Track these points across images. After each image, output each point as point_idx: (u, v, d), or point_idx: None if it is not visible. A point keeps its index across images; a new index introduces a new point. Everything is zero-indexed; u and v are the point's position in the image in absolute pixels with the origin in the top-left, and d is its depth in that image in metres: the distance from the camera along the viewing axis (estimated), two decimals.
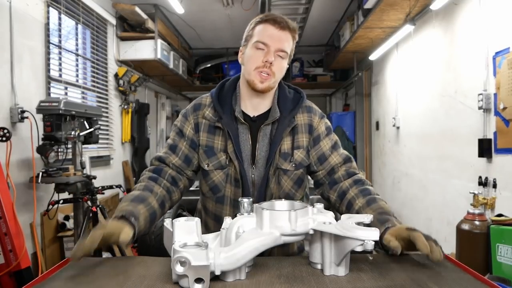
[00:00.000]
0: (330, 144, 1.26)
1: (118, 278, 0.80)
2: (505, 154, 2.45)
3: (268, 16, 1.18)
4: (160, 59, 4.51)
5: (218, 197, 1.25)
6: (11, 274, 2.13)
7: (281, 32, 1.16)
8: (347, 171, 1.22)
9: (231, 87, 1.28)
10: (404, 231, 0.87)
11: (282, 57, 1.18)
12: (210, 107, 1.25)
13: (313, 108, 1.30)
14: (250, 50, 1.19)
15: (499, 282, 1.73)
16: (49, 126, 2.46)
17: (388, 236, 0.89)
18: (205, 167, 1.23)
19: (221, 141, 1.22)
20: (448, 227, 3.14)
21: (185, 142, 1.24)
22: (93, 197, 2.55)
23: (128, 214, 0.97)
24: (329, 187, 1.22)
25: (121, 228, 0.90)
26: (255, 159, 1.22)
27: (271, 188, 1.22)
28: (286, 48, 1.17)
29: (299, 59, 6.90)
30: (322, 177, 1.25)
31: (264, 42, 1.15)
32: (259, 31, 1.18)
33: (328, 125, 1.30)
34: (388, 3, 3.37)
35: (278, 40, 1.16)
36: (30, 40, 2.83)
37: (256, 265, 0.86)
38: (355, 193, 1.14)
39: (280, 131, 1.21)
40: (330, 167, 1.23)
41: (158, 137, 6.21)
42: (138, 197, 1.08)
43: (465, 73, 2.94)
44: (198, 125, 1.25)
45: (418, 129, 3.95)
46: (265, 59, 1.15)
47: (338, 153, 1.25)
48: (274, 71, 1.17)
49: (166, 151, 1.25)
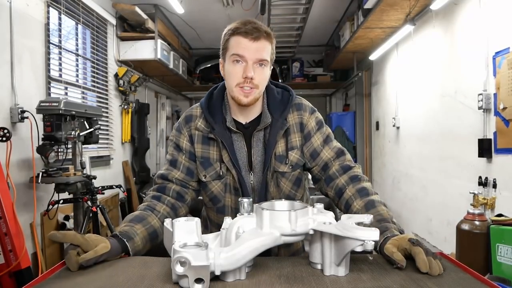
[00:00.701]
0: (321, 139, 1.24)
1: (118, 278, 0.80)
2: (505, 154, 2.45)
3: (239, 28, 1.12)
4: (160, 59, 4.51)
5: (219, 207, 1.25)
6: (11, 274, 2.13)
7: (256, 43, 1.11)
8: (341, 166, 1.20)
9: (219, 96, 1.26)
10: (406, 243, 0.84)
11: (264, 65, 1.14)
12: (201, 118, 1.24)
13: (303, 104, 1.27)
14: (228, 65, 1.15)
15: (499, 282, 1.73)
16: (49, 126, 2.46)
17: (390, 246, 0.86)
18: (203, 178, 1.23)
19: (216, 151, 1.21)
20: (448, 227, 3.14)
21: (184, 155, 1.23)
22: (93, 197, 2.55)
23: (122, 234, 0.97)
24: (326, 183, 1.21)
25: (99, 243, 0.89)
26: (252, 165, 1.22)
27: (271, 192, 1.22)
28: (264, 56, 1.13)
29: (299, 59, 6.90)
30: (317, 173, 1.24)
31: (240, 54, 1.11)
32: (233, 44, 1.13)
33: (319, 119, 1.27)
34: (388, 3, 3.37)
35: (255, 51, 1.11)
36: (30, 40, 2.83)
37: (256, 265, 0.86)
38: (352, 193, 1.12)
39: (273, 135, 1.19)
40: (323, 162, 1.22)
41: (158, 137, 6.21)
42: (137, 216, 1.07)
43: (465, 73, 2.94)
44: (192, 136, 1.24)
45: (418, 129, 3.95)
46: (244, 75, 1.11)
47: (330, 147, 1.23)
48: (257, 83, 1.14)
49: (167, 168, 1.23)
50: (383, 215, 1.01)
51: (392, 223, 0.99)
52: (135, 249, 0.99)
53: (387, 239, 0.90)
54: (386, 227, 0.96)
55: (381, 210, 1.04)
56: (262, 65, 1.14)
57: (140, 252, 1.01)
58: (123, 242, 0.96)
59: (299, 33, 5.22)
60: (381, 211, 1.03)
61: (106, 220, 2.65)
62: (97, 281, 0.78)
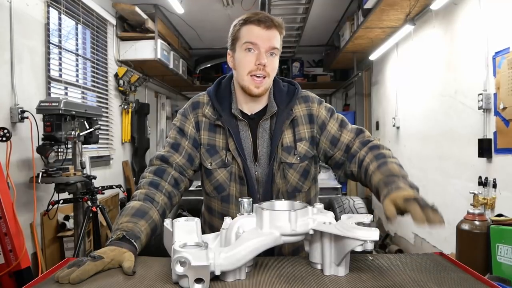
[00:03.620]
0: (337, 125, 1.24)
1: (118, 278, 0.80)
2: (505, 154, 2.45)
3: (252, 17, 1.15)
4: (160, 59, 4.51)
5: (223, 196, 1.23)
6: (11, 274, 2.13)
7: (268, 31, 1.14)
8: (361, 142, 1.19)
9: (227, 85, 1.27)
10: (401, 200, 0.83)
11: (275, 54, 1.17)
12: (209, 105, 1.24)
13: (310, 96, 1.28)
14: (240, 53, 1.16)
15: (499, 282, 1.73)
16: (49, 126, 2.45)
17: (387, 201, 0.86)
18: (208, 166, 1.22)
19: (222, 139, 1.21)
20: (448, 227, 3.13)
21: (187, 141, 1.22)
22: (93, 197, 2.55)
23: (129, 235, 0.94)
24: (349, 162, 1.19)
25: (122, 257, 0.86)
26: (257, 156, 1.21)
27: (277, 183, 1.21)
28: (276, 44, 1.16)
29: (299, 59, 6.90)
30: (341, 157, 1.22)
31: (253, 42, 1.13)
32: (245, 33, 1.15)
33: (329, 107, 1.28)
34: (388, 3, 3.37)
35: (267, 39, 1.14)
36: (30, 40, 2.83)
37: (256, 265, 0.86)
38: (370, 158, 1.11)
39: (279, 124, 1.19)
40: (344, 146, 1.21)
41: (158, 137, 6.21)
42: (139, 210, 1.03)
43: (465, 73, 2.94)
44: (199, 123, 1.24)
45: (418, 129, 3.95)
46: (257, 62, 1.13)
47: (348, 129, 1.23)
48: (269, 72, 1.16)
49: (168, 150, 1.21)
50: (393, 171, 1.00)
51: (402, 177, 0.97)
52: (141, 248, 0.98)
53: (388, 193, 0.89)
54: (393, 180, 0.94)
55: (392, 168, 1.02)
56: (273, 54, 1.16)
57: (142, 249, 1.01)
58: (131, 242, 0.94)
59: (299, 33, 5.22)
60: (392, 169, 1.02)
61: (106, 220, 2.65)
62: (97, 281, 0.78)
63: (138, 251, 0.96)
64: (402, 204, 0.83)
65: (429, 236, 3.67)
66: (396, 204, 0.84)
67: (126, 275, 0.81)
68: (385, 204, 0.85)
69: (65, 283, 0.77)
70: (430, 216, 0.77)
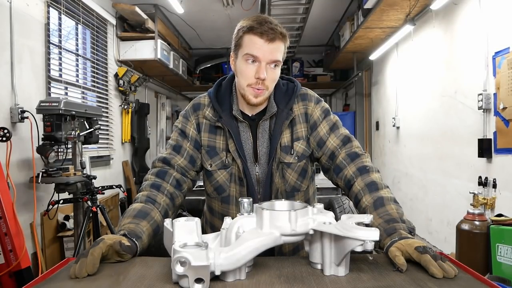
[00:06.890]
0: (327, 127, 1.22)
1: (118, 278, 0.80)
2: (505, 154, 2.45)
3: (255, 28, 1.10)
4: (160, 59, 4.51)
5: (224, 197, 1.24)
6: (11, 274, 2.13)
7: (271, 44, 1.09)
8: (347, 154, 1.16)
9: (228, 86, 1.26)
10: (413, 251, 0.82)
11: (276, 65, 1.14)
12: (209, 107, 1.24)
13: (308, 94, 1.27)
14: (240, 62, 1.14)
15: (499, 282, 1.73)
16: (49, 126, 2.45)
17: (394, 249, 0.84)
18: (208, 167, 1.23)
19: (223, 140, 1.22)
20: (448, 227, 3.14)
21: (189, 142, 1.23)
22: (93, 197, 2.55)
23: (131, 234, 0.95)
24: (335, 174, 1.18)
25: (120, 238, 0.89)
26: (258, 156, 1.21)
27: (276, 183, 1.21)
28: (278, 57, 1.12)
29: (299, 59, 6.90)
30: (326, 162, 1.21)
31: (254, 55, 1.10)
32: (248, 43, 1.11)
33: (325, 108, 1.26)
34: (388, 3, 3.37)
35: (269, 53, 1.10)
36: (30, 40, 2.83)
37: (256, 265, 0.86)
38: (361, 187, 1.08)
39: (278, 124, 1.19)
40: (329, 151, 1.19)
41: (158, 137, 6.22)
42: (141, 212, 1.04)
43: (465, 73, 2.94)
44: (200, 125, 1.24)
45: (418, 129, 3.95)
46: (257, 76, 1.11)
47: (336, 135, 1.20)
48: (268, 85, 1.14)
49: (170, 152, 1.21)
50: (392, 214, 0.98)
51: (401, 222, 0.96)
52: (142, 247, 0.98)
53: (393, 243, 0.87)
54: (395, 229, 0.93)
55: (390, 209, 1.00)
56: (275, 65, 1.14)
57: (144, 249, 1.01)
58: (133, 242, 0.94)
59: (299, 33, 5.22)
60: (390, 210, 0.99)
61: (106, 220, 2.65)
62: (97, 281, 0.78)
63: (140, 250, 0.96)
64: (414, 254, 0.81)
65: (429, 236, 3.67)
66: (405, 252, 0.83)
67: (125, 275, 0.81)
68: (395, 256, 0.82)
69: (85, 276, 0.78)
70: (446, 269, 0.77)
